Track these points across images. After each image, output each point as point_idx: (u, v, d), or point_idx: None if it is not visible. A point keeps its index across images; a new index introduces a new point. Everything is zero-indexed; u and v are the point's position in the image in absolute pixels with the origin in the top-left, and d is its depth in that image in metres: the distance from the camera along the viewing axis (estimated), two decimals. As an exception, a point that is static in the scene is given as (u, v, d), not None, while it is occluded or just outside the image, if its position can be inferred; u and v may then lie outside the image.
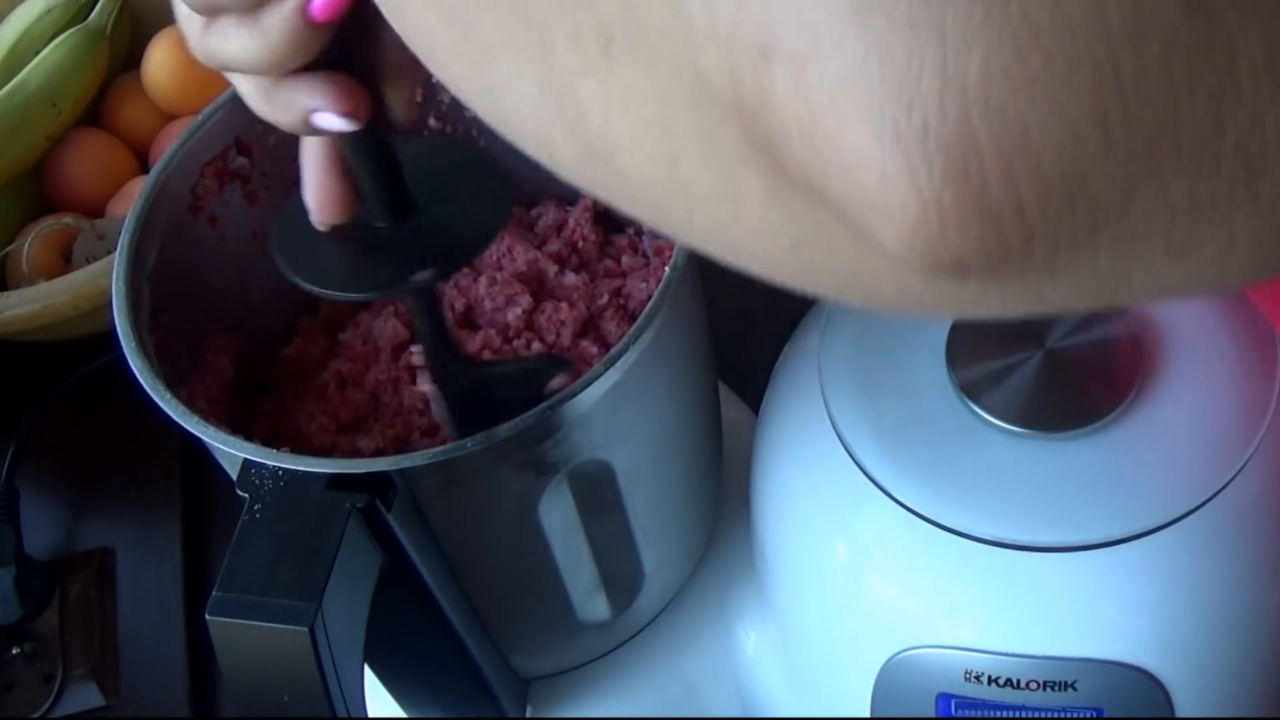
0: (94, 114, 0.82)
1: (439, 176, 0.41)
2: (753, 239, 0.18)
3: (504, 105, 0.22)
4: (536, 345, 0.51)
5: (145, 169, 0.81)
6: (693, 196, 0.19)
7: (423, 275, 0.39)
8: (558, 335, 0.51)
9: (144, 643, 0.65)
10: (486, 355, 0.51)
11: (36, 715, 0.62)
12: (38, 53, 0.78)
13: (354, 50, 0.35)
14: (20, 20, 0.80)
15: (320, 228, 0.39)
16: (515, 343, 0.52)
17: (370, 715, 0.43)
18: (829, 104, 0.14)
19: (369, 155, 0.38)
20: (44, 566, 0.66)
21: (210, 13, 0.33)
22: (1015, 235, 0.14)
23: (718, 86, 0.16)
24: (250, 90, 0.35)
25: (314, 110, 0.34)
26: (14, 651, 0.64)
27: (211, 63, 0.34)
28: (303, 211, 0.40)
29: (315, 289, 0.40)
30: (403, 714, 0.54)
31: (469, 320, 0.53)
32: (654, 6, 0.17)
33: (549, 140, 0.21)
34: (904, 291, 0.16)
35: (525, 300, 0.52)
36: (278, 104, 0.35)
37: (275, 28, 0.32)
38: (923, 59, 0.13)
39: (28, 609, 0.64)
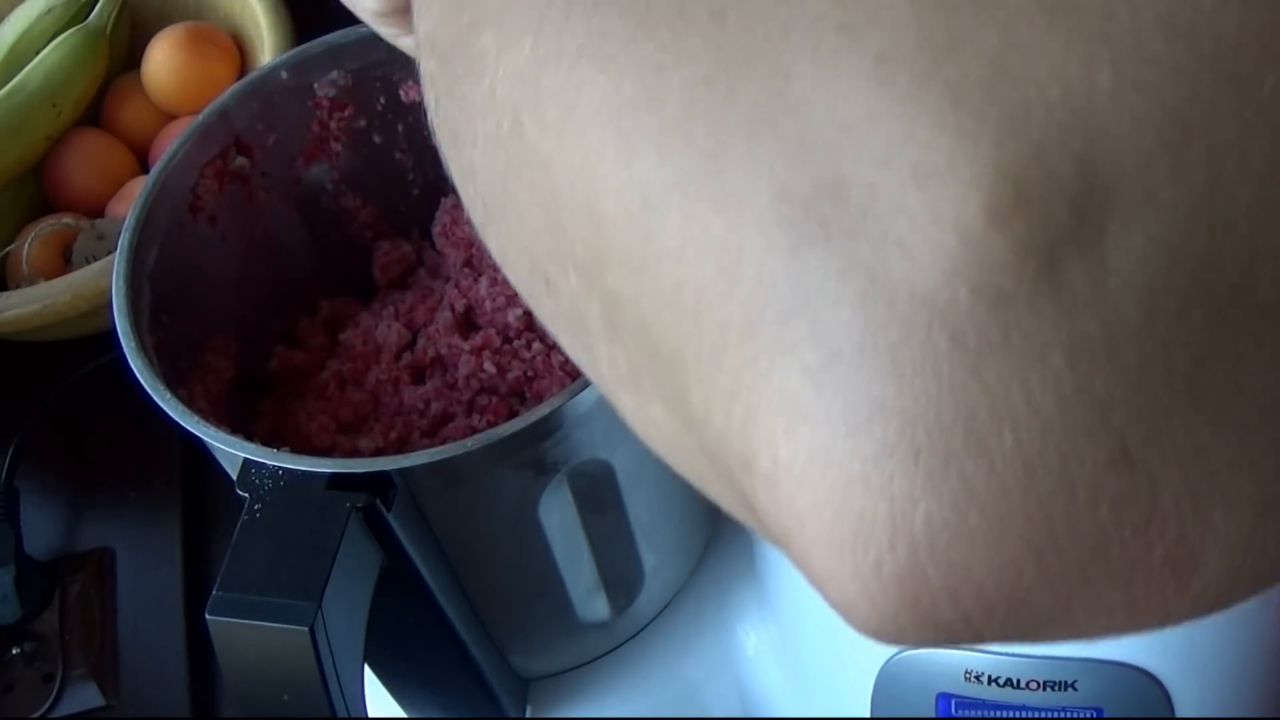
0: (94, 114, 0.82)
1: None
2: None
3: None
4: (537, 346, 0.51)
5: (145, 169, 0.81)
6: (714, 499, 0.21)
7: None
8: None
9: (144, 643, 0.65)
10: (486, 355, 0.51)
11: (36, 715, 0.62)
12: (38, 53, 0.78)
13: None
14: (20, 20, 0.80)
15: None
16: (515, 343, 0.52)
17: (370, 715, 0.43)
18: (797, 526, 0.16)
19: None
20: (44, 566, 0.66)
21: None
22: (965, 635, 0.16)
23: (716, 463, 0.18)
24: None
25: None
26: (14, 651, 0.64)
27: None
28: None
29: None
30: (403, 714, 0.54)
31: (469, 320, 0.53)
32: (668, 376, 0.18)
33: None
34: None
35: None
36: None
37: None
38: (874, 509, 0.15)
39: (28, 609, 0.64)
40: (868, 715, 0.47)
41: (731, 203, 0.16)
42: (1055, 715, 0.43)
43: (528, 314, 0.52)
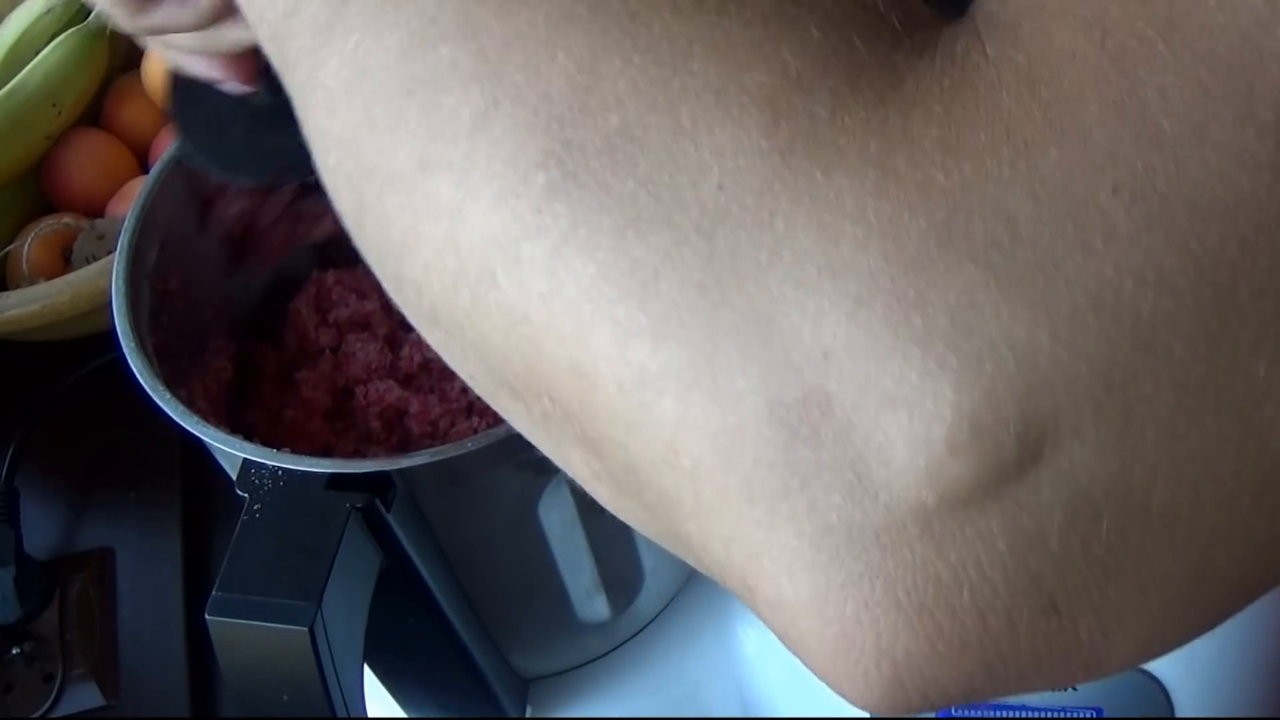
0: (94, 114, 0.82)
1: None
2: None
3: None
4: None
5: (145, 169, 0.81)
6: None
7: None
8: None
9: (144, 643, 0.65)
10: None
11: (36, 715, 0.62)
12: (38, 53, 0.78)
13: None
14: (20, 20, 0.80)
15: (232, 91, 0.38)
16: None
17: (370, 715, 0.43)
18: (800, 641, 0.21)
19: None
20: (44, 566, 0.66)
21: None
22: (930, 710, 0.21)
23: (708, 569, 0.22)
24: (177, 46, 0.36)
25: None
26: (14, 651, 0.64)
27: (144, 31, 0.35)
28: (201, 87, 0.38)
29: (207, 166, 0.39)
30: (403, 714, 0.54)
31: None
32: (656, 503, 0.22)
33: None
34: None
35: None
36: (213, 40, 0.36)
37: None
38: (864, 639, 0.20)
39: (28, 609, 0.64)
40: (868, 715, 0.47)
41: (727, 398, 0.19)
42: (1055, 715, 0.43)
43: None
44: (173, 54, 0.37)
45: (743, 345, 0.19)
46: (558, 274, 0.20)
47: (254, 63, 0.35)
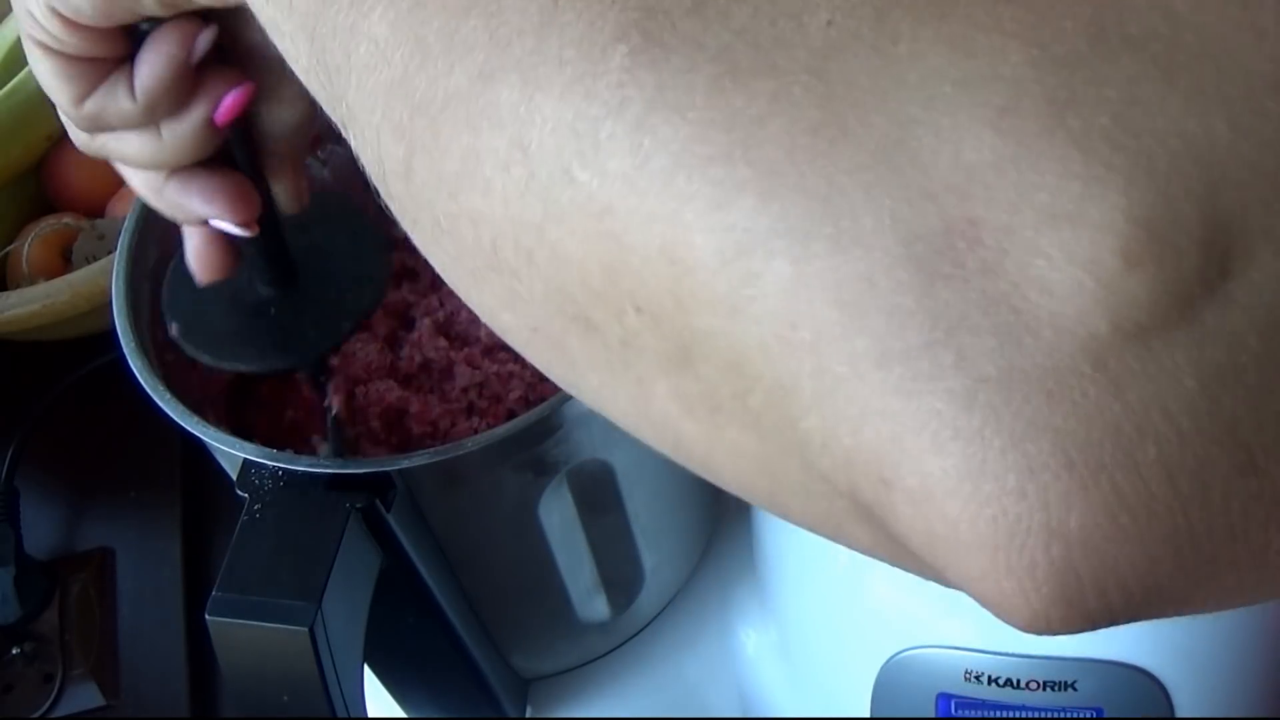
0: (94, 114, 0.82)
1: (322, 232, 0.41)
2: (854, 547, 0.21)
3: (589, 399, 0.23)
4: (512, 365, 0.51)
5: (145, 169, 0.81)
6: (794, 517, 0.21)
7: (298, 357, 0.40)
8: None
9: (144, 643, 0.65)
10: (486, 363, 0.51)
11: (36, 715, 0.62)
12: (38, 53, 0.78)
13: (238, 144, 0.35)
14: (20, 20, 0.80)
15: (201, 285, 0.39)
16: (501, 354, 0.52)
17: (370, 715, 0.43)
18: (949, 533, 0.18)
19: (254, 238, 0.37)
20: (44, 566, 0.66)
21: (100, 131, 0.33)
22: (1104, 621, 0.18)
23: (833, 479, 0.19)
24: (140, 182, 0.35)
25: (207, 217, 0.35)
26: (14, 651, 0.64)
27: (100, 155, 0.34)
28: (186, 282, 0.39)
29: (215, 363, 0.40)
30: (403, 714, 0.54)
31: (448, 331, 0.53)
32: (765, 406, 0.19)
33: (639, 433, 0.23)
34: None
35: None
36: (168, 202, 0.35)
37: (174, 133, 0.32)
38: (1030, 516, 0.17)
39: (28, 609, 0.64)
40: (868, 715, 0.47)
41: (852, 244, 0.17)
42: (1055, 715, 0.43)
43: None
44: (155, 193, 0.36)
45: (868, 182, 0.17)
46: (643, 146, 0.18)
47: (252, 200, 0.35)
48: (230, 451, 0.40)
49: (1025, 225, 0.16)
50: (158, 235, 0.48)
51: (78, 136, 0.35)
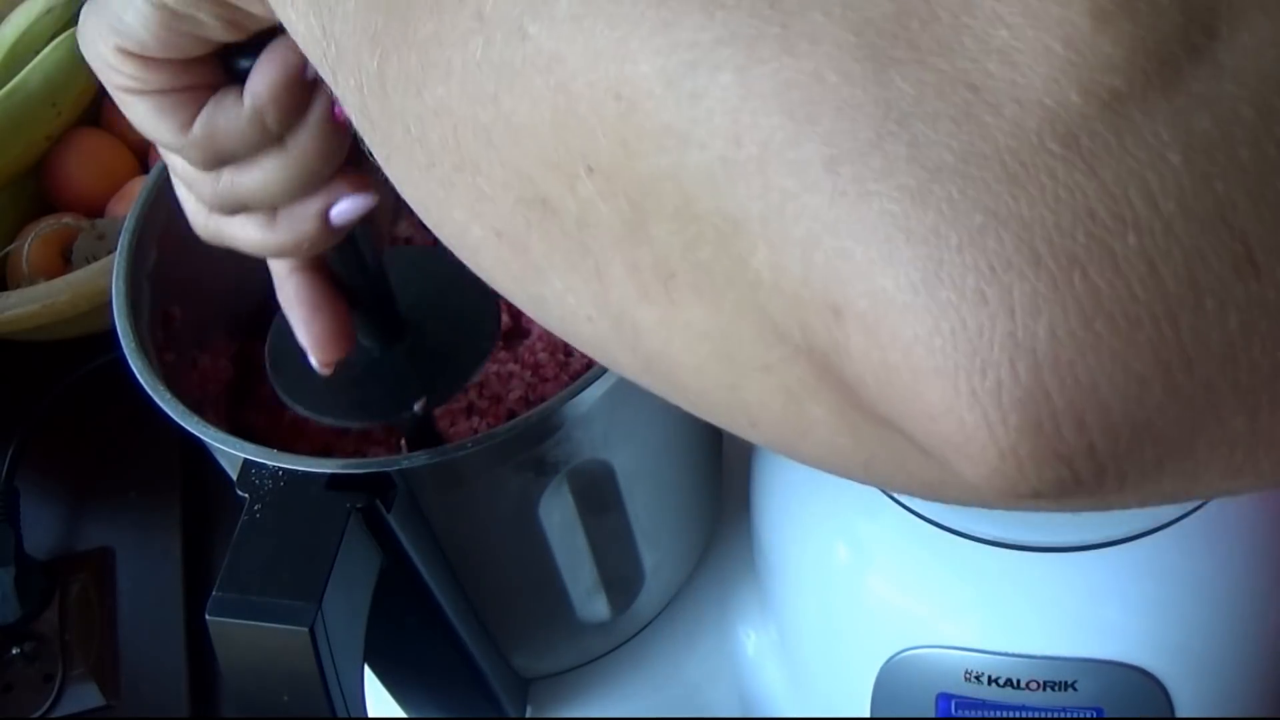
0: (94, 114, 0.82)
1: (424, 289, 0.42)
2: (820, 453, 0.19)
3: (555, 315, 0.22)
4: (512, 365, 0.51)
5: (145, 169, 0.81)
6: (756, 415, 0.19)
7: (418, 406, 0.40)
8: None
9: (144, 643, 0.65)
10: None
11: (36, 715, 0.62)
12: (38, 53, 0.78)
13: None
14: (20, 20, 0.80)
15: (323, 370, 0.38)
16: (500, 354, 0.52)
17: (370, 715, 0.43)
18: (904, 361, 0.15)
19: (361, 269, 0.37)
20: (44, 566, 0.66)
21: (220, 162, 0.32)
22: (1087, 472, 0.15)
23: (786, 331, 0.17)
24: (254, 229, 0.34)
25: (332, 203, 0.33)
26: (14, 651, 0.64)
27: (226, 210, 0.33)
28: (291, 333, 0.39)
29: (315, 416, 0.40)
30: (403, 714, 0.54)
31: None
32: (715, 253, 0.17)
33: (604, 350, 0.21)
34: (978, 500, 0.17)
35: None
36: (291, 222, 0.33)
37: (304, 142, 0.31)
38: (993, 327, 0.15)
39: (28, 609, 0.64)
40: (868, 715, 0.47)
41: (799, 41, 0.15)
42: (1055, 715, 0.43)
43: (500, 330, 0.52)
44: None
45: None
46: None
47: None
48: (230, 451, 0.40)
49: None
50: (157, 235, 0.48)
51: (196, 217, 0.34)
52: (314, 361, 0.38)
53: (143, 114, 0.31)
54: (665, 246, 0.18)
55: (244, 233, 0.33)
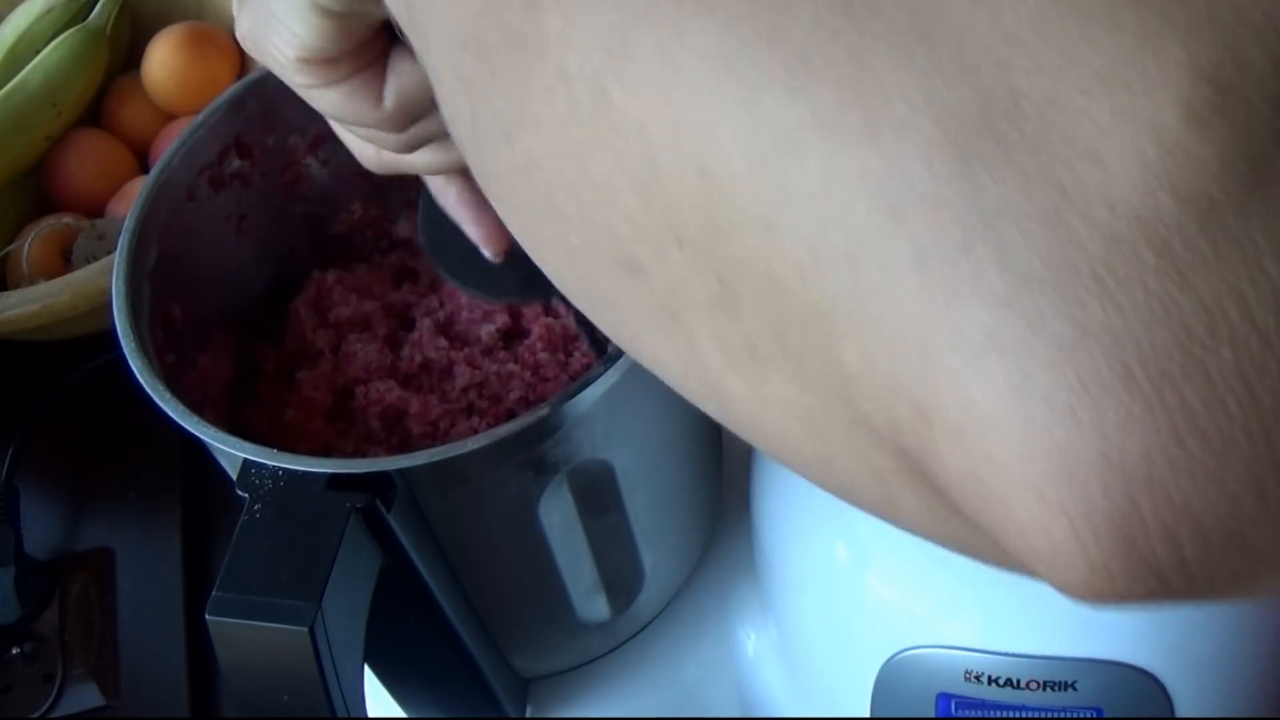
0: (94, 114, 0.82)
1: None
2: (913, 529, 0.19)
3: (648, 365, 0.22)
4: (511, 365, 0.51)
5: (145, 169, 0.81)
6: (847, 488, 0.19)
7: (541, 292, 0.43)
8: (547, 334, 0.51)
9: (144, 643, 0.65)
10: (487, 363, 0.51)
11: (36, 715, 0.62)
12: (38, 53, 0.78)
13: None
14: (20, 20, 0.80)
15: (495, 258, 0.41)
16: (500, 354, 0.52)
17: (370, 715, 0.43)
18: (991, 473, 0.15)
19: None
20: (44, 566, 0.66)
21: (414, 121, 0.33)
22: (1177, 583, 0.15)
23: (874, 423, 0.17)
24: (430, 155, 0.36)
25: None
26: (14, 651, 0.64)
27: (410, 150, 0.35)
28: (438, 214, 0.41)
29: (474, 291, 0.43)
30: (403, 714, 0.54)
31: (448, 331, 0.53)
32: (805, 339, 0.17)
33: (698, 402, 0.21)
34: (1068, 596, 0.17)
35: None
36: None
37: None
38: (1084, 445, 0.14)
39: (28, 609, 0.64)
40: (868, 715, 0.47)
41: (883, 131, 0.15)
42: (1055, 715, 0.43)
43: (499, 330, 0.52)
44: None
45: (898, 62, 0.15)
46: (672, 51, 0.17)
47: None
48: (230, 451, 0.40)
49: (1071, 90, 0.14)
50: (157, 235, 0.48)
51: (366, 154, 0.36)
52: (487, 253, 0.41)
53: (335, 103, 0.32)
54: (754, 326, 0.18)
55: (421, 160, 0.35)
